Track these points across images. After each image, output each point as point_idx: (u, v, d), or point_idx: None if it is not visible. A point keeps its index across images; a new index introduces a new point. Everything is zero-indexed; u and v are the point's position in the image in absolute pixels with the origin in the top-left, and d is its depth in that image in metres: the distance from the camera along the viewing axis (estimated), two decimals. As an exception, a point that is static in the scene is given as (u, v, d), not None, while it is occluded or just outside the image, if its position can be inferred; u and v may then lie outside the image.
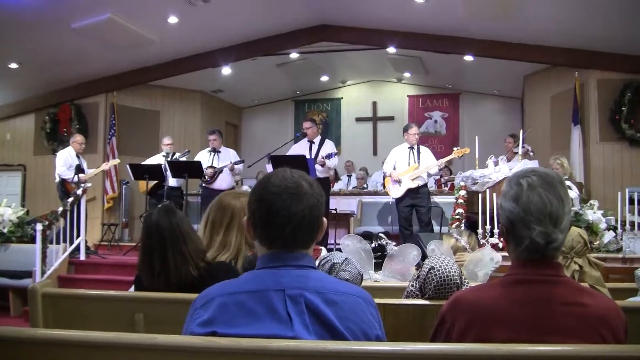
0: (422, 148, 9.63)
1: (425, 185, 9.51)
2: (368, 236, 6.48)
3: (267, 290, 1.77)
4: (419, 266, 5.11)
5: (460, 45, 11.12)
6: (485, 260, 4.25)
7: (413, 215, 9.48)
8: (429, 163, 9.38)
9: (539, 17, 9.57)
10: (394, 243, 4.88)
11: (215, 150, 10.37)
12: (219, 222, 3.34)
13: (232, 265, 3.15)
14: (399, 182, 9.40)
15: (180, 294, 2.91)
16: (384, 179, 13.84)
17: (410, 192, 9.35)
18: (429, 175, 9.56)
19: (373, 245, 4.85)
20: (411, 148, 9.52)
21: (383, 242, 4.98)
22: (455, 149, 9.51)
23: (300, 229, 1.83)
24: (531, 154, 9.92)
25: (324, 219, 1.92)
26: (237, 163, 10.17)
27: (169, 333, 1.85)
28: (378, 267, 4.72)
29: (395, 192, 9.45)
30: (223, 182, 10.12)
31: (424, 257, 4.52)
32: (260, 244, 1.89)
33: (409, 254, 4.62)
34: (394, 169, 9.55)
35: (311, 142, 9.67)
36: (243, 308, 1.76)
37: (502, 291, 1.86)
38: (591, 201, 7.62)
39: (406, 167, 9.43)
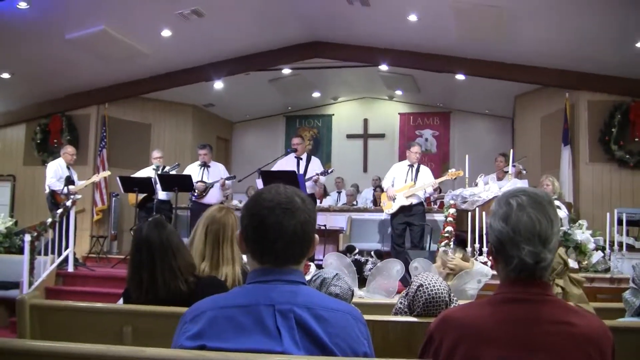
0: (422, 167, 9.69)
1: (421, 203, 9.54)
2: (350, 249, 6.49)
3: (257, 305, 1.77)
4: (402, 280, 5.12)
5: (452, 64, 11.19)
6: (474, 275, 4.26)
7: (407, 232, 9.50)
8: (425, 182, 9.42)
9: (530, 38, 9.65)
10: (378, 262, 4.87)
11: (205, 165, 10.37)
12: (222, 235, 3.34)
13: (221, 280, 3.15)
14: (393, 198, 9.43)
15: (169, 307, 2.91)
16: (374, 193, 13.93)
17: (403, 210, 9.39)
18: (429, 194, 9.59)
19: (350, 259, 4.84)
20: (411, 166, 9.58)
21: (362, 259, 4.99)
22: (450, 171, 9.53)
23: (292, 244, 1.83)
24: (524, 172, 9.97)
25: (316, 235, 1.93)
26: (228, 179, 10.19)
27: (158, 347, 1.85)
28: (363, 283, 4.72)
29: (389, 208, 9.49)
30: (213, 197, 10.13)
31: (409, 272, 4.53)
32: (251, 259, 1.90)
33: (392, 269, 4.61)
34: (392, 185, 9.58)
35: (299, 159, 9.74)
36: (233, 322, 1.76)
37: (491, 309, 1.86)
38: (580, 221, 7.66)
39: (403, 184, 9.47)
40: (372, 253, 5.92)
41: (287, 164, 9.75)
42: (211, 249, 3.34)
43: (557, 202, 7.05)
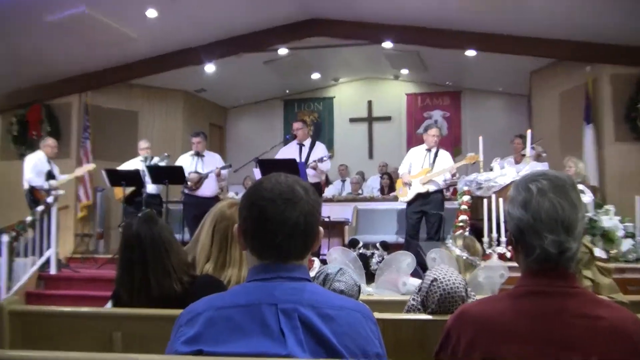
0: (441, 152, 9.56)
1: (439, 191, 9.44)
2: (353, 243, 6.47)
3: (258, 304, 1.77)
4: (413, 275, 5.10)
5: (462, 40, 11.13)
6: (493, 274, 4.23)
7: (422, 223, 9.47)
8: (443, 167, 9.36)
9: (545, 8, 9.58)
10: (385, 254, 4.84)
11: (198, 154, 10.34)
12: (232, 235, 3.30)
13: (219, 279, 3.14)
14: (409, 185, 9.39)
15: (163, 310, 2.90)
16: (381, 181, 13.92)
17: (419, 197, 9.36)
18: (445, 180, 9.51)
19: (355, 253, 4.82)
20: (428, 150, 9.49)
21: (367, 252, 4.97)
22: (468, 155, 9.45)
23: (294, 238, 1.83)
24: (544, 154, 9.93)
25: (320, 228, 1.92)
26: (223, 168, 10.11)
27: (151, 353, 1.84)
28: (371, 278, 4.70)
29: (405, 195, 9.46)
30: (207, 188, 10.08)
31: (423, 267, 4.50)
32: (251, 254, 1.89)
33: (402, 261, 4.58)
34: (410, 172, 9.55)
35: (301, 145, 9.66)
36: (232, 324, 1.75)
37: (511, 304, 1.86)
38: (607, 206, 7.63)
39: (420, 169, 9.42)
40: (378, 245, 5.90)
41: (289, 151, 9.70)
42: (218, 249, 3.31)
43: (580, 186, 7.03)
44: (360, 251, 5.23)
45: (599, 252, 6.55)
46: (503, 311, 1.85)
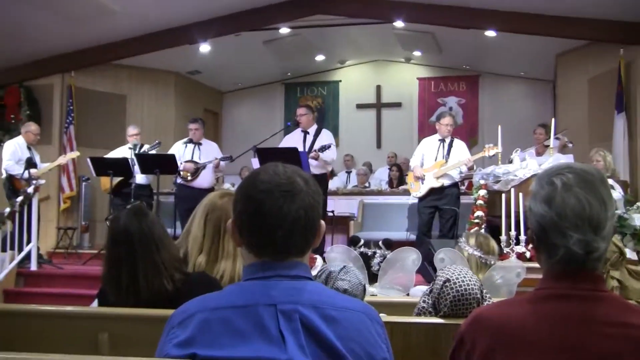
0: (456, 142, 9.56)
1: (455, 185, 9.44)
2: (354, 240, 6.48)
3: (256, 305, 1.77)
4: (425, 275, 5.10)
5: (480, 19, 11.07)
6: (511, 268, 4.24)
7: (435, 219, 9.46)
8: (459, 159, 9.33)
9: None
10: (387, 253, 4.83)
11: (196, 143, 10.34)
12: (224, 226, 3.34)
13: (213, 277, 3.16)
14: (422, 179, 9.37)
15: (153, 309, 2.92)
16: (390, 173, 13.91)
17: (433, 192, 9.35)
18: (460, 173, 9.47)
19: (356, 252, 4.83)
20: (442, 140, 9.48)
21: (368, 251, 4.96)
22: (486, 145, 9.42)
23: (294, 233, 1.83)
24: (570, 145, 9.89)
25: (322, 222, 1.92)
26: (223, 159, 10.14)
27: (139, 356, 1.85)
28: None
29: (417, 190, 9.45)
30: (204, 179, 10.10)
31: (435, 266, 4.50)
32: (247, 251, 1.89)
33: (407, 258, 4.58)
34: (422, 164, 9.52)
35: (305, 132, 9.64)
36: (228, 326, 1.75)
37: (532, 308, 1.85)
38: (638, 203, 7.61)
39: (433, 162, 9.40)
40: (380, 243, 5.90)
41: (293, 140, 9.69)
42: (210, 241, 3.34)
43: (610, 181, 7.02)
44: (362, 250, 5.22)
45: (630, 253, 6.54)
46: (523, 316, 1.84)
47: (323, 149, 9.22)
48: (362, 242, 5.49)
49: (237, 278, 3.30)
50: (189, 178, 10.03)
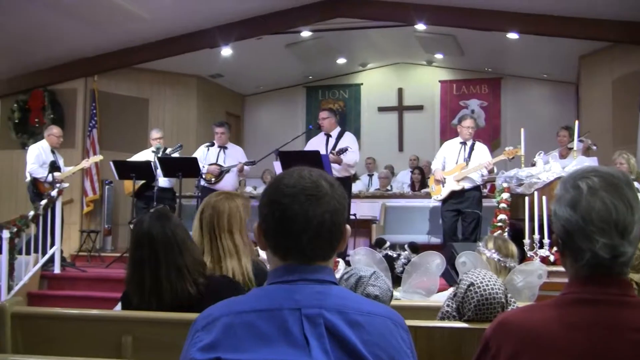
0: (477, 145, 9.51)
1: (476, 188, 9.41)
2: (380, 242, 6.47)
3: (280, 309, 1.76)
4: (447, 279, 5.08)
5: (502, 21, 11.02)
6: (531, 272, 4.21)
7: (459, 222, 9.44)
8: (480, 162, 9.26)
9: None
10: (413, 256, 4.82)
11: (221, 146, 10.36)
12: (217, 226, 3.38)
13: (236, 281, 3.16)
14: (443, 182, 9.36)
15: (176, 313, 2.93)
16: (412, 176, 13.88)
17: (454, 195, 9.33)
18: (482, 176, 9.44)
19: (381, 254, 4.81)
20: (463, 143, 9.45)
21: (393, 254, 4.95)
22: (506, 149, 9.38)
23: (319, 237, 1.82)
24: (594, 147, 9.83)
25: (347, 226, 1.91)
26: (247, 164, 10.16)
27: (163, 359, 1.86)
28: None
29: (438, 193, 9.43)
30: (228, 183, 10.08)
31: (455, 269, 4.48)
32: (272, 255, 1.89)
33: (431, 262, 4.57)
34: (444, 167, 9.52)
35: (328, 136, 9.62)
36: (252, 330, 1.75)
37: (558, 313, 1.83)
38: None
39: (454, 165, 9.38)
40: (406, 246, 5.89)
41: (316, 143, 9.67)
42: (209, 240, 3.41)
43: (635, 184, 6.98)
44: (387, 252, 5.21)
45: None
46: (548, 321, 1.82)
47: (340, 151, 9.19)
48: (387, 244, 5.48)
49: (246, 276, 3.32)
50: (213, 181, 10.04)
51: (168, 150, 10.46)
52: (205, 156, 10.21)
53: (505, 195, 8.42)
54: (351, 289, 2.95)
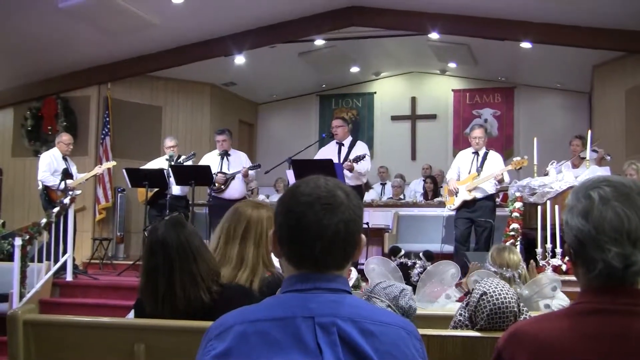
0: (491, 154, 9.53)
1: (489, 198, 9.40)
2: (394, 251, 6.47)
3: (294, 317, 1.77)
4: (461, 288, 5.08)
5: (516, 30, 11.02)
6: (544, 283, 4.21)
7: (472, 231, 9.43)
8: (492, 172, 9.26)
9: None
10: (428, 265, 4.83)
11: (224, 154, 10.35)
12: (233, 231, 3.39)
13: (250, 289, 3.17)
14: (455, 192, 9.38)
15: (190, 321, 2.93)
16: (425, 185, 13.88)
17: (466, 205, 9.35)
18: (495, 185, 9.43)
19: (395, 262, 4.82)
20: (475, 153, 9.48)
21: (409, 262, 4.96)
22: (514, 159, 9.39)
23: (334, 246, 1.82)
24: (608, 157, 9.81)
25: (363, 236, 1.92)
26: (252, 168, 10.12)
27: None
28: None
29: (451, 203, 9.44)
30: (235, 190, 10.08)
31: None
32: (287, 263, 1.89)
33: (446, 272, 4.57)
34: (459, 177, 9.54)
35: (340, 144, 9.62)
36: (265, 338, 1.75)
37: (571, 323, 1.83)
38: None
39: (467, 175, 9.40)
40: (421, 254, 5.90)
41: (328, 152, 9.66)
42: (231, 248, 3.41)
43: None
44: (401, 260, 5.22)
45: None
46: (561, 331, 1.82)
47: (358, 159, 9.17)
48: (402, 252, 5.49)
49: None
50: (221, 189, 10.03)
51: (182, 159, 10.47)
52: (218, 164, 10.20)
53: (518, 205, 8.41)
54: (394, 299, 2.96)
